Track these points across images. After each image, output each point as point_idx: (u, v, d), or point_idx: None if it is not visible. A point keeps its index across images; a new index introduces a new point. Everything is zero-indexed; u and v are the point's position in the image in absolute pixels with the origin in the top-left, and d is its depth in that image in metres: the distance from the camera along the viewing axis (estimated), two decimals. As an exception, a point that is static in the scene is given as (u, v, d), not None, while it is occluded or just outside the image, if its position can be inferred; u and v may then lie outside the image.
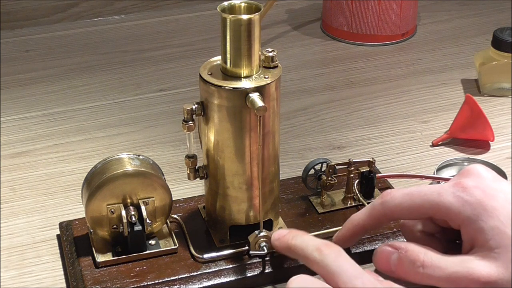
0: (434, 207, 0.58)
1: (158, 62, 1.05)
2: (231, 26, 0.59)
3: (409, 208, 0.59)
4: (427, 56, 1.06)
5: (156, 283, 0.62)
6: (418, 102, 0.94)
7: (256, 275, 0.64)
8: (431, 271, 0.56)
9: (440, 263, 0.56)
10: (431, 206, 0.58)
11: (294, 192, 0.73)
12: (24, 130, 0.88)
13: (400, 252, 0.58)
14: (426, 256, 0.57)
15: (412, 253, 0.57)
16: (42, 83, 0.99)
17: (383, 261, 0.59)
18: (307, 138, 0.86)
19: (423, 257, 0.57)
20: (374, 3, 1.05)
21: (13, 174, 0.80)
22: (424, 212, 0.59)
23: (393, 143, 0.85)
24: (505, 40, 0.91)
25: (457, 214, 0.57)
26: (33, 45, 1.10)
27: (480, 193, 0.56)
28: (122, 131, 0.88)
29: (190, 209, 0.71)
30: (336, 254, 0.55)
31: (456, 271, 0.55)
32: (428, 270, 0.56)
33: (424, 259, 0.57)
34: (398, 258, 0.58)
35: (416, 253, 0.57)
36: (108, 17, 1.18)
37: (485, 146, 0.83)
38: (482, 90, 0.94)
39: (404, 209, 0.59)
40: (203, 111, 0.63)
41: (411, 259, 0.57)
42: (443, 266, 0.56)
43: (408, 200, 0.59)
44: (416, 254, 0.57)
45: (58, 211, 0.74)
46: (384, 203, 0.60)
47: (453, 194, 0.57)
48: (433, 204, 0.58)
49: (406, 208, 0.59)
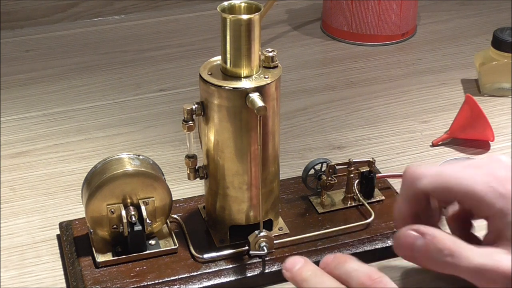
0: (468, 193, 0.56)
1: (158, 62, 1.05)
2: (231, 26, 0.59)
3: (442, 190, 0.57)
4: (427, 56, 1.06)
5: (156, 283, 0.62)
6: (418, 102, 0.94)
7: (256, 275, 0.64)
8: (459, 261, 0.54)
9: (468, 253, 0.54)
10: (465, 192, 0.56)
11: (294, 192, 0.73)
12: (24, 130, 0.88)
13: (426, 238, 0.55)
14: (455, 245, 0.55)
15: (440, 240, 0.55)
16: (42, 83, 0.99)
17: (406, 246, 0.56)
18: (307, 138, 0.86)
19: (452, 246, 0.55)
20: (374, 3, 1.05)
21: (13, 174, 0.80)
22: (455, 195, 0.57)
23: (393, 143, 0.85)
24: (505, 40, 0.91)
25: (490, 205, 0.55)
26: (33, 45, 1.10)
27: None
28: (122, 131, 0.88)
29: (190, 209, 0.71)
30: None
31: (484, 263, 0.54)
32: (456, 259, 0.54)
33: (453, 247, 0.54)
34: (424, 245, 0.55)
35: (445, 240, 0.55)
36: (108, 17, 1.18)
37: (485, 146, 0.83)
38: (482, 90, 0.94)
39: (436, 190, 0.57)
40: (203, 111, 0.63)
41: (439, 246, 0.55)
42: (471, 256, 0.54)
43: (440, 179, 0.57)
44: (445, 242, 0.55)
45: (58, 211, 0.74)
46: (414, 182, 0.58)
47: (488, 184, 0.55)
48: (467, 191, 0.56)
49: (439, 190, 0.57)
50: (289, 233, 0.67)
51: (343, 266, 0.57)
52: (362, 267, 0.57)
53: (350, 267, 0.57)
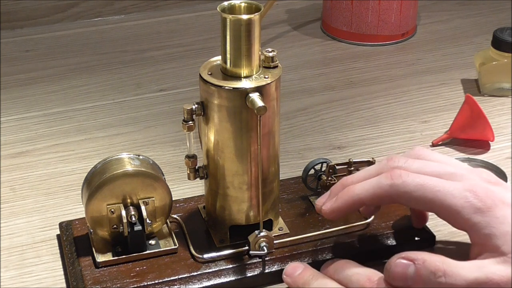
0: (444, 207, 0.57)
1: (158, 62, 1.05)
2: (231, 26, 0.59)
3: (418, 200, 0.58)
4: (427, 56, 1.06)
5: (156, 283, 0.62)
6: (418, 102, 0.94)
7: (256, 275, 0.64)
8: (453, 280, 0.55)
9: (459, 271, 0.55)
10: (441, 205, 0.57)
11: (294, 192, 0.73)
12: (24, 130, 0.88)
13: (417, 264, 0.55)
14: (445, 265, 0.55)
15: (431, 263, 0.55)
16: (42, 83, 0.99)
17: (399, 275, 0.56)
18: (307, 138, 0.86)
19: (443, 266, 0.55)
20: (374, 3, 1.05)
21: (13, 174, 0.80)
22: (432, 207, 0.58)
23: (393, 143, 0.85)
24: (505, 40, 0.91)
25: (466, 220, 0.56)
26: (33, 45, 1.10)
27: (491, 201, 0.56)
28: (122, 131, 0.88)
29: (190, 209, 0.71)
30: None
31: (477, 277, 0.55)
32: (450, 279, 0.55)
33: (445, 268, 0.55)
34: (416, 270, 0.55)
35: (436, 262, 0.55)
36: (108, 17, 1.18)
37: (485, 146, 0.83)
38: (482, 90, 0.94)
39: (412, 199, 0.58)
40: (203, 111, 0.63)
41: (431, 269, 0.55)
42: (463, 273, 0.55)
43: (420, 191, 0.58)
44: (436, 264, 0.55)
45: (58, 211, 0.74)
46: (394, 186, 0.58)
47: (465, 199, 0.56)
48: (443, 204, 0.57)
49: (414, 198, 0.58)
50: (289, 233, 0.67)
51: (342, 270, 0.58)
52: (362, 270, 0.58)
53: (350, 271, 0.58)
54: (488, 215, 0.56)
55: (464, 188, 0.57)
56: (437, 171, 0.59)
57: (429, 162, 0.61)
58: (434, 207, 0.58)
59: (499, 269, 0.55)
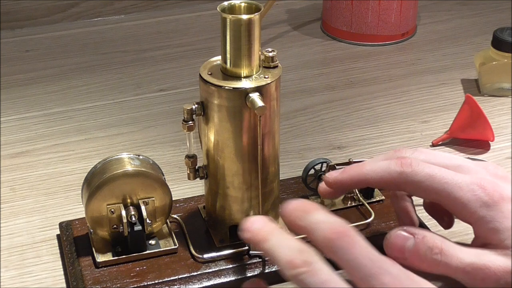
0: (450, 198, 0.57)
1: (158, 62, 1.05)
2: (231, 26, 0.59)
3: (425, 190, 0.57)
4: (427, 56, 1.06)
5: (156, 283, 0.62)
6: (418, 102, 0.94)
7: (256, 275, 0.64)
8: (449, 260, 0.55)
9: (457, 252, 0.55)
10: (448, 196, 0.57)
11: (294, 192, 0.73)
12: (24, 130, 0.88)
13: (416, 238, 0.56)
14: (444, 244, 0.55)
15: (430, 239, 0.56)
16: (42, 83, 0.99)
17: (397, 246, 0.56)
18: (307, 138, 0.86)
19: (442, 245, 0.55)
20: (374, 3, 1.05)
21: (13, 174, 0.80)
22: (438, 198, 0.58)
23: (393, 143, 0.85)
24: (505, 40, 0.91)
25: (472, 213, 0.56)
26: (33, 45, 1.10)
27: (498, 196, 0.56)
28: (122, 131, 0.88)
29: (190, 209, 0.71)
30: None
31: (473, 262, 0.55)
32: (446, 258, 0.55)
33: (443, 246, 0.55)
34: (415, 244, 0.56)
35: (434, 239, 0.56)
36: (108, 17, 1.18)
37: (485, 146, 0.83)
38: (482, 90, 0.94)
39: (419, 188, 0.58)
40: (203, 111, 0.63)
41: (429, 245, 0.55)
42: (461, 256, 0.55)
43: (428, 182, 0.57)
44: (434, 241, 0.55)
45: (58, 211, 0.74)
46: (403, 174, 0.58)
47: (472, 192, 0.56)
48: (450, 196, 0.57)
49: (423, 188, 0.57)
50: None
51: (307, 216, 0.52)
52: (328, 218, 0.51)
53: (315, 218, 0.51)
54: (494, 209, 0.56)
55: (472, 181, 0.57)
56: (444, 163, 0.59)
57: (436, 154, 0.60)
58: (440, 198, 0.57)
59: (498, 259, 0.54)
